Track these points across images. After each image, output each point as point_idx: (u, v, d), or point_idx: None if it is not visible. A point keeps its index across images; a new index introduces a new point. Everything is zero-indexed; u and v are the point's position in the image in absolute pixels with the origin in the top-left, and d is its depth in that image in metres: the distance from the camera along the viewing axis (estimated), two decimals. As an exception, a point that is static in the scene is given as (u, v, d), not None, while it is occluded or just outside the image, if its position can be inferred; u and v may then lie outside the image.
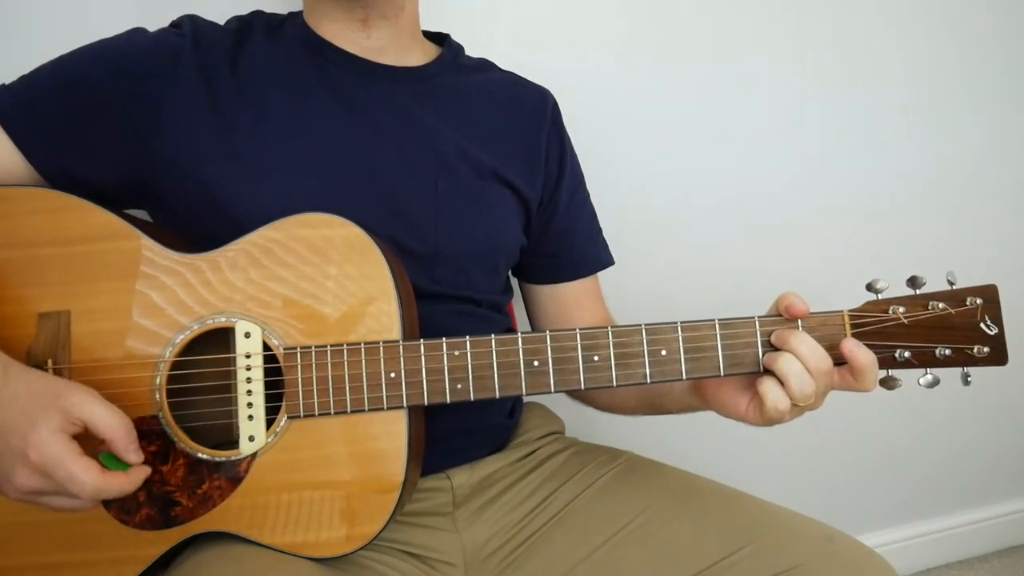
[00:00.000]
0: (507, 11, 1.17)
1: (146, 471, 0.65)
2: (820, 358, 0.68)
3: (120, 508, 0.68)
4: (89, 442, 0.62)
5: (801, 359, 0.67)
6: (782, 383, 0.68)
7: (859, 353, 0.68)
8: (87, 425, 0.62)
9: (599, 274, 0.99)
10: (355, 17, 0.84)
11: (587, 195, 0.99)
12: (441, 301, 0.81)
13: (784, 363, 0.67)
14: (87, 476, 0.60)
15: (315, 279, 0.70)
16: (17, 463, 0.60)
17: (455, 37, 0.95)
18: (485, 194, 0.86)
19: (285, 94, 0.80)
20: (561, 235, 0.95)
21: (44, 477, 0.60)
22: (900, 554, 1.56)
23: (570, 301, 0.97)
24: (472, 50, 0.96)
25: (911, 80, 1.41)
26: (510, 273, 0.98)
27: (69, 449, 0.60)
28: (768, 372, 0.69)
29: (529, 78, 0.97)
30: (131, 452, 0.63)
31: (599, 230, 1.00)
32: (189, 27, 0.80)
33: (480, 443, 0.87)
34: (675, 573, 0.74)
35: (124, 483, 0.62)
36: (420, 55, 0.90)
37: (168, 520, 0.69)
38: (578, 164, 0.99)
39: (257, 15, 0.87)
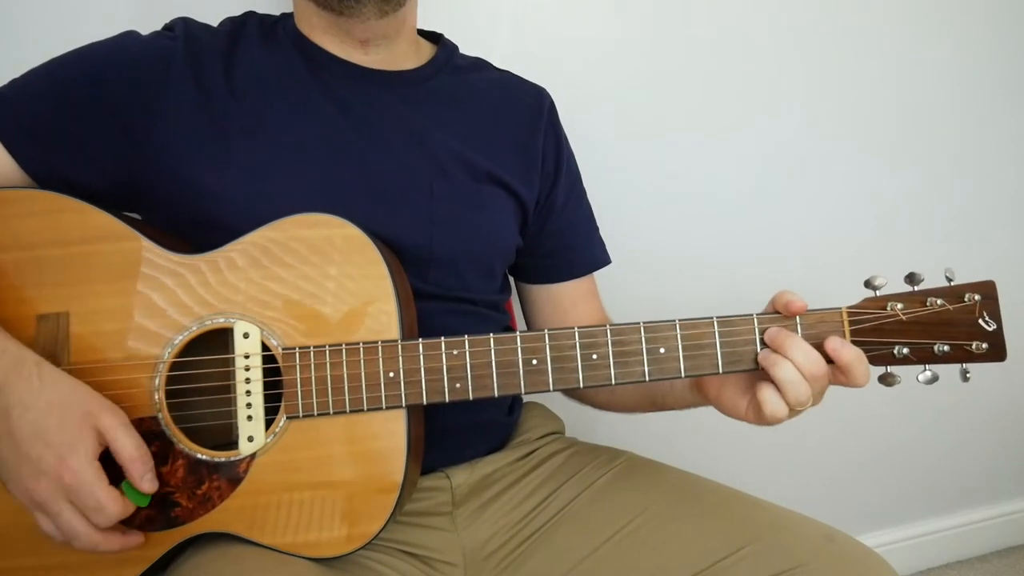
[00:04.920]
0: (507, 9, 1.17)
1: (139, 538, 0.67)
2: (815, 363, 0.68)
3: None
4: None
5: (797, 366, 0.67)
6: (779, 390, 0.68)
7: (843, 352, 0.68)
8: (111, 448, 0.64)
9: (596, 274, 0.99)
10: (354, 39, 0.84)
11: (584, 194, 0.99)
12: (437, 302, 0.81)
13: (780, 371, 0.67)
14: (113, 507, 0.63)
15: (313, 279, 0.70)
16: (44, 475, 0.62)
17: (455, 35, 0.95)
18: (480, 196, 0.85)
19: (279, 98, 0.80)
20: (557, 235, 0.95)
21: (65, 498, 0.62)
22: (900, 554, 1.56)
23: (566, 301, 0.97)
24: (473, 48, 0.96)
25: (909, 77, 1.41)
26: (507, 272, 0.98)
27: (101, 477, 0.63)
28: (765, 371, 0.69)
29: (528, 76, 0.97)
30: (146, 481, 0.65)
31: (596, 229, 1.00)
32: (182, 30, 0.80)
33: (479, 440, 0.87)
34: (675, 573, 0.74)
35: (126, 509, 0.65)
36: (415, 57, 0.90)
37: (168, 521, 0.69)
38: (575, 163, 0.98)
39: (250, 16, 0.86)
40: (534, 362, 0.70)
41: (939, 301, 0.69)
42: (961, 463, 1.61)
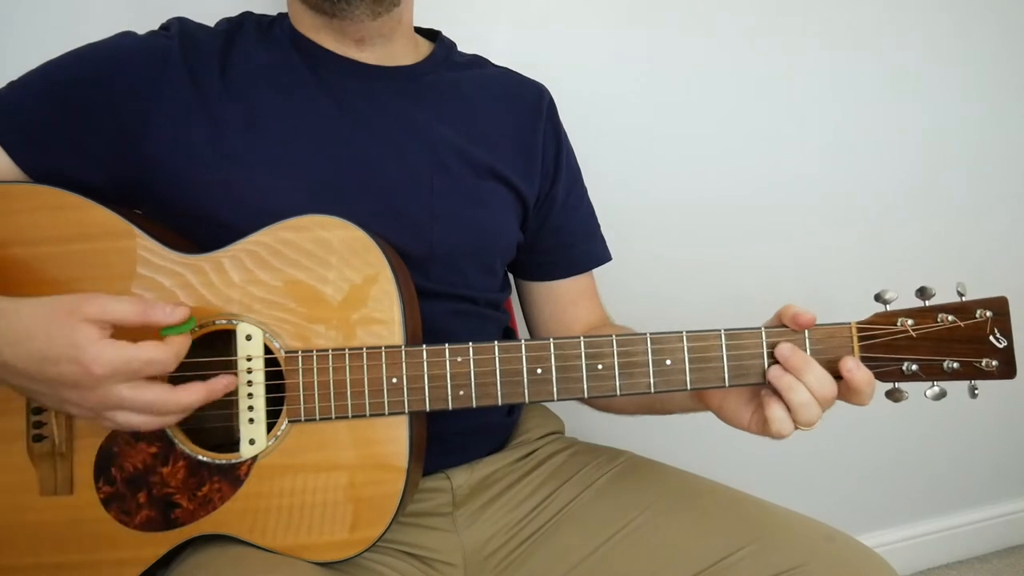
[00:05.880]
0: (507, 7, 1.16)
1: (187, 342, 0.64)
2: (828, 386, 0.67)
3: (120, 509, 0.68)
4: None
5: (810, 389, 0.67)
6: (788, 409, 0.67)
7: (857, 374, 0.67)
8: (114, 323, 0.61)
9: (598, 273, 0.99)
10: (349, 38, 0.83)
11: (584, 191, 0.98)
12: (438, 300, 0.81)
13: (795, 395, 0.67)
14: (159, 352, 0.61)
15: (317, 282, 0.70)
16: (77, 384, 0.60)
17: (454, 33, 0.94)
18: (481, 192, 0.85)
19: (276, 95, 0.79)
20: (558, 232, 0.94)
21: (114, 382, 0.60)
22: (900, 554, 1.56)
23: (566, 299, 0.96)
24: (472, 46, 0.95)
25: (924, 86, 1.40)
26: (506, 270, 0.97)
27: (124, 344, 0.60)
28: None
29: (528, 74, 0.96)
30: (171, 312, 0.63)
31: (597, 226, 0.99)
32: (177, 29, 0.80)
33: (479, 442, 0.87)
34: (675, 573, 0.74)
35: (185, 342, 0.63)
36: (412, 54, 0.89)
37: (168, 522, 0.69)
38: (575, 160, 0.98)
39: (247, 16, 0.86)
40: (539, 371, 0.69)
41: (950, 317, 0.68)
42: (961, 463, 1.61)
